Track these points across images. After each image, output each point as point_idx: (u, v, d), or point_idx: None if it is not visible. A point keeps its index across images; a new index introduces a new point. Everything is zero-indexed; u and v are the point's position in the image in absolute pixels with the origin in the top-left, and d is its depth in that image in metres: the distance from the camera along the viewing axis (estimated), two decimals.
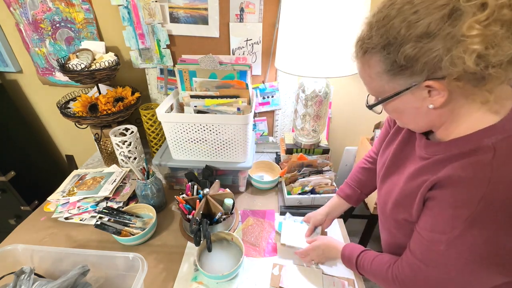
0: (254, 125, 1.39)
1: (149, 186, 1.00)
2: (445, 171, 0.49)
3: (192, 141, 1.04)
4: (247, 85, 1.09)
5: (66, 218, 1.01)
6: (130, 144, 1.15)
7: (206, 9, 1.10)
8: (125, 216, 0.96)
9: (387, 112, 0.56)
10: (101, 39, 1.23)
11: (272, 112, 1.36)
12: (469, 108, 0.47)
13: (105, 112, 1.14)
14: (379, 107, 0.54)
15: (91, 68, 1.10)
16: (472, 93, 0.45)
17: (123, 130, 1.20)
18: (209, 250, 0.82)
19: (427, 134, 0.58)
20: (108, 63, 1.11)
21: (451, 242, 0.48)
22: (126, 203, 1.05)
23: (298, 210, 1.05)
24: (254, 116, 1.36)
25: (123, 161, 1.20)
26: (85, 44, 1.21)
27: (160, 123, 1.21)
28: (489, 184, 0.43)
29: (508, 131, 0.45)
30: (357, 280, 0.83)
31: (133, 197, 1.09)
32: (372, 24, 0.47)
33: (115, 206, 1.02)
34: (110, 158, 1.29)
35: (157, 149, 1.31)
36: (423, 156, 0.56)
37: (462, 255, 0.48)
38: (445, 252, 0.50)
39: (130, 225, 0.94)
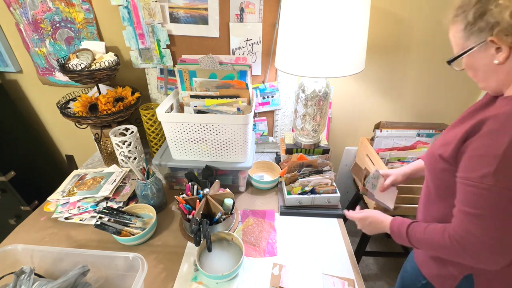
0: (254, 125, 1.39)
1: (149, 186, 1.00)
2: (486, 112, 0.57)
3: (192, 141, 1.04)
4: (247, 85, 1.09)
5: (66, 218, 1.01)
6: (130, 144, 1.15)
7: (206, 9, 1.10)
8: (125, 216, 0.96)
9: (466, 69, 0.62)
10: (101, 39, 1.23)
11: (272, 112, 1.36)
12: None
13: (105, 112, 1.14)
14: (457, 62, 0.61)
15: (91, 68, 1.10)
16: None
17: (123, 130, 1.20)
18: (209, 250, 0.82)
19: None
20: (108, 63, 1.11)
21: (490, 179, 0.50)
22: (126, 203, 1.05)
23: (298, 210, 1.05)
24: (254, 116, 1.36)
25: (123, 161, 1.20)
26: (85, 44, 1.21)
27: (160, 123, 1.21)
28: None
29: None
30: (357, 280, 0.83)
31: (133, 197, 1.09)
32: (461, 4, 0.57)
33: (115, 206, 1.02)
34: (110, 158, 1.29)
35: (157, 149, 1.31)
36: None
37: (504, 191, 0.50)
38: (488, 193, 0.51)
39: (130, 225, 0.94)
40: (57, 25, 1.20)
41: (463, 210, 0.56)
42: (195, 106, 1.05)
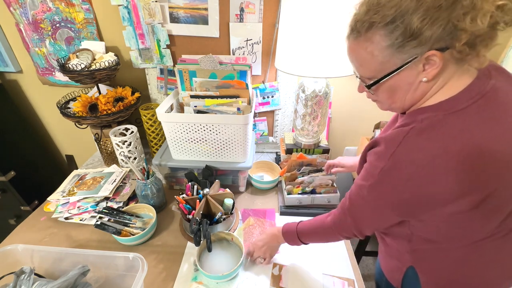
0: (254, 125, 1.39)
1: (149, 186, 1.00)
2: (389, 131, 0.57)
3: (192, 141, 1.04)
4: (247, 85, 1.09)
5: (66, 218, 1.01)
6: (130, 144, 1.15)
7: (206, 9, 1.10)
8: (125, 216, 0.96)
9: (377, 93, 0.57)
10: (101, 39, 1.23)
11: (272, 112, 1.36)
12: (446, 81, 0.51)
13: (105, 112, 1.14)
14: (376, 87, 0.56)
15: (91, 68, 1.10)
16: (468, 60, 0.48)
17: (123, 130, 1.20)
18: (209, 250, 0.82)
19: None
20: (108, 63, 1.11)
21: (370, 187, 0.57)
22: (126, 203, 1.05)
23: (298, 210, 1.05)
24: (254, 116, 1.36)
25: (123, 161, 1.20)
26: (85, 44, 1.21)
27: (160, 123, 1.21)
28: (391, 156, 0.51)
29: (442, 110, 0.50)
30: (357, 280, 0.83)
31: (133, 197, 1.09)
32: (378, 2, 0.47)
33: (115, 206, 1.02)
34: (110, 158, 1.29)
35: (157, 149, 1.31)
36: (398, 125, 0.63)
37: (376, 199, 0.57)
38: (366, 196, 0.58)
39: (130, 225, 0.94)
40: (57, 25, 1.20)
41: (343, 201, 0.67)
42: (195, 106, 1.05)
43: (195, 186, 1.00)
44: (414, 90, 0.53)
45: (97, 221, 0.90)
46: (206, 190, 0.95)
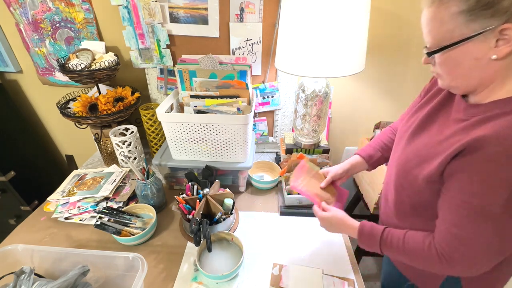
0: (254, 125, 1.39)
1: (149, 186, 1.00)
2: (483, 129, 0.48)
3: (192, 141, 1.04)
4: (247, 85, 1.09)
5: (66, 218, 1.01)
6: (130, 144, 1.15)
7: (206, 9, 1.10)
8: (125, 216, 0.96)
9: (439, 64, 0.52)
10: (101, 39, 1.23)
11: (272, 112, 1.36)
12: None
13: (105, 112, 1.14)
14: (437, 56, 0.51)
15: (91, 68, 1.10)
16: None
17: (123, 130, 1.20)
18: (209, 250, 0.82)
19: (465, 97, 0.58)
20: (108, 63, 1.11)
21: (507, 201, 0.46)
22: (126, 203, 1.05)
23: (298, 210, 1.05)
24: (254, 116, 1.36)
25: (123, 161, 1.20)
26: (85, 44, 1.21)
27: (160, 123, 1.21)
28: None
29: None
30: (357, 280, 0.83)
31: (133, 197, 1.09)
32: None
33: (115, 206, 1.02)
34: (110, 158, 1.29)
35: (157, 149, 1.31)
36: (460, 118, 0.55)
37: (501, 219, 0.48)
38: (498, 215, 0.48)
39: (130, 225, 0.94)
40: (57, 25, 1.20)
41: (454, 232, 0.53)
42: (195, 106, 1.05)
43: (195, 186, 1.00)
44: (482, 69, 0.48)
45: (97, 221, 0.90)
46: (206, 190, 0.95)
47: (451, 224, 0.53)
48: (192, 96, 1.08)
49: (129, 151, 1.16)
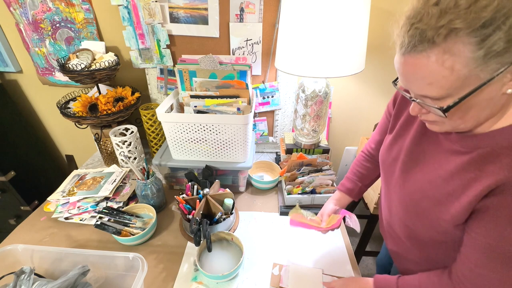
0: (254, 125, 1.39)
1: (149, 186, 1.00)
2: (502, 166, 0.44)
3: (192, 141, 1.04)
4: (247, 85, 1.09)
5: (66, 218, 1.01)
6: (130, 144, 1.15)
7: (206, 9, 1.10)
8: (125, 216, 0.96)
9: (449, 116, 0.45)
10: (101, 39, 1.23)
11: (272, 112, 1.36)
12: None
13: (105, 112, 1.14)
14: (453, 110, 0.44)
15: (91, 68, 1.10)
16: None
17: (123, 130, 1.20)
18: (209, 250, 0.82)
19: None
20: (108, 63, 1.11)
21: None
22: (126, 203, 1.05)
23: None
24: (254, 116, 1.36)
25: (123, 161, 1.20)
26: (85, 44, 1.21)
27: (160, 123, 1.21)
28: None
29: None
30: None
31: (133, 197, 1.09)
32: (455, 2, 0.37)
33: (115, 206, 1.02)
34: (110, 158, 1.29)
35: (157, 149, 1.31)
36: (458, 150, 0.52)
37: None
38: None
39: (130, 225, 0.94)
40: (57, 25, 1.20)
41: (479, 272, 0.50)
42: (195, 106, 1.05)
43: (195, 186, 1.00)
44: (494, 105, 0.44)
45: (97, 221, 0.90)
46: (206, 190, 0.95)
47: (476, 264, 0.51)
48: (192, 96, 1.08)
49: (129, 151, 1.16)
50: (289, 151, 1.20)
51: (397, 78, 0.52)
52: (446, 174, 0.53)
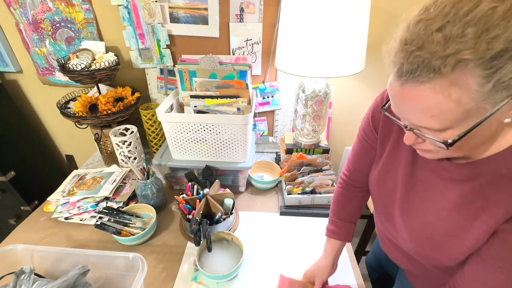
0: (254, 125, 1.39)
1: (149, 186, 1.00)
2: (511, 201, 0.45)
3: (192, 141, 1.04)
4: (247, 85, 1.09)
5: (66, 218, 1.01)
6: (130, 144, 1.15)
7: (206, 9, 1.10)
8: (125, 216, 0.96)
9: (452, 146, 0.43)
10: (101, 39, 1.23)
11: (272, 112, 1.36)
12: None
13: (105, 112, 1.14)
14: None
15: (91, 68, 1.10)
16: None
17: (123, 130, 1.20)
18: (209, 250, 0.82)
19: None
20: (108, 63, 1.11)
21: None
22: (126, 203, 1.05)
23: (298, 210, 1.05)
24: (254, 116, 1.36)
25: (123, 161, 1.20)
26: (85, 44, 1.21)
27: (160, 123, 1.21)
28: None
29: None
30: (357, 280, 0.83)
31: (133, 197, 1.09)
32: (463, 30, 0.34)
33: (115, 206, 1.02)
34: (110, 158, 1.29)
35: (157, 149, 1.31)
36: (457, 179, 0.51)
37: None
38: None
39: (130, 225, 0.94)
40: (57, 25, 1.20)
41: None
42: (195, 106, 1.05)
43: (195, 186, 1.00)
44: (492, 133, 0.43)
45: (97, 221, 0.90)
46: (206, 190, 0.95)
47: (484, 285, 0.51)
48: (192, 96, 1.08)
49: (129, 151, 1.16)
50: (289, 151, 1.20)
51: (386, 103, 0.50)
52: (450, 205, 0.52)
